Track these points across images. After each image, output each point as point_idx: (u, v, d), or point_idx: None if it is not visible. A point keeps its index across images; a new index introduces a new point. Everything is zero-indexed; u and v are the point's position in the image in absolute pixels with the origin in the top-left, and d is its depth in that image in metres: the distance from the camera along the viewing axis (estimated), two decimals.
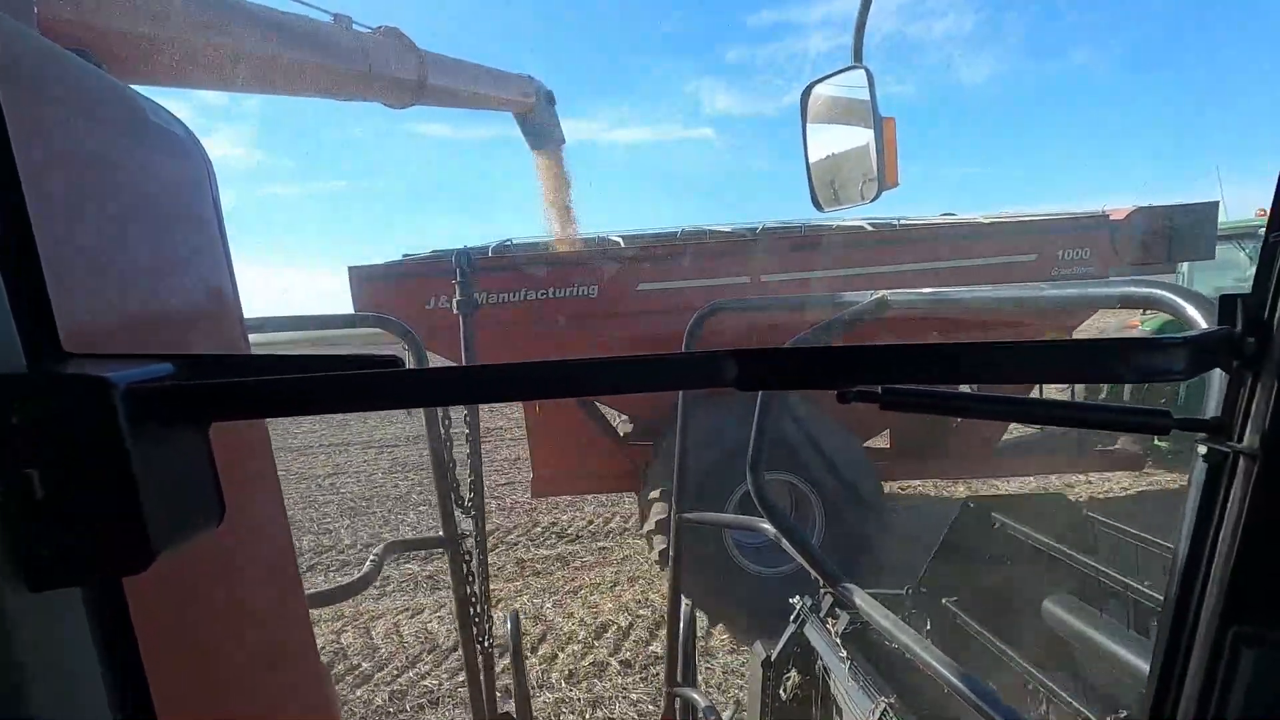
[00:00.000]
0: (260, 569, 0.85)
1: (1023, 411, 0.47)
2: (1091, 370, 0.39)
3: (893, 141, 1.59)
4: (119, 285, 0.69)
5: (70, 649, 0.42)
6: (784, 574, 4.80)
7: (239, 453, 0.78)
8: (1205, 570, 0.44)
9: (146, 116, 0.84)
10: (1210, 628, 0.43)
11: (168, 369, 0.45)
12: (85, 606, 0.42)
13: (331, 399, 0.42)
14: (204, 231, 0.91)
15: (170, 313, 0.79)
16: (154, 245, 0.79)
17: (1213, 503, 0.44)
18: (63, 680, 0.41)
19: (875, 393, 0.45)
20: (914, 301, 1.12)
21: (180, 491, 0.44)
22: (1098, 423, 0.44)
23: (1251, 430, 0.43)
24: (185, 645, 0.67)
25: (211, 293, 0.91)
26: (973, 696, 0.90)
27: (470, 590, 1.97)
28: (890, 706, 2.00)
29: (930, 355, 0.40)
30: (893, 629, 1.22)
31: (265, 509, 0.86)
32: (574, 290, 4.57)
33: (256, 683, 0.84)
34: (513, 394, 0.42)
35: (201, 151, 0.94)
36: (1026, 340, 0.38)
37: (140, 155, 0.81)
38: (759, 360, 0.42)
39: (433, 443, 1.87)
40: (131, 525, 0.39)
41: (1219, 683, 0.42)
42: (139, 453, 0.39)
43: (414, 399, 0.43)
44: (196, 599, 0.67)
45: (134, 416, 0.39)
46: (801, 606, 2.72)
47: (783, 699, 2.68)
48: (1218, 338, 0.43)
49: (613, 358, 0.42)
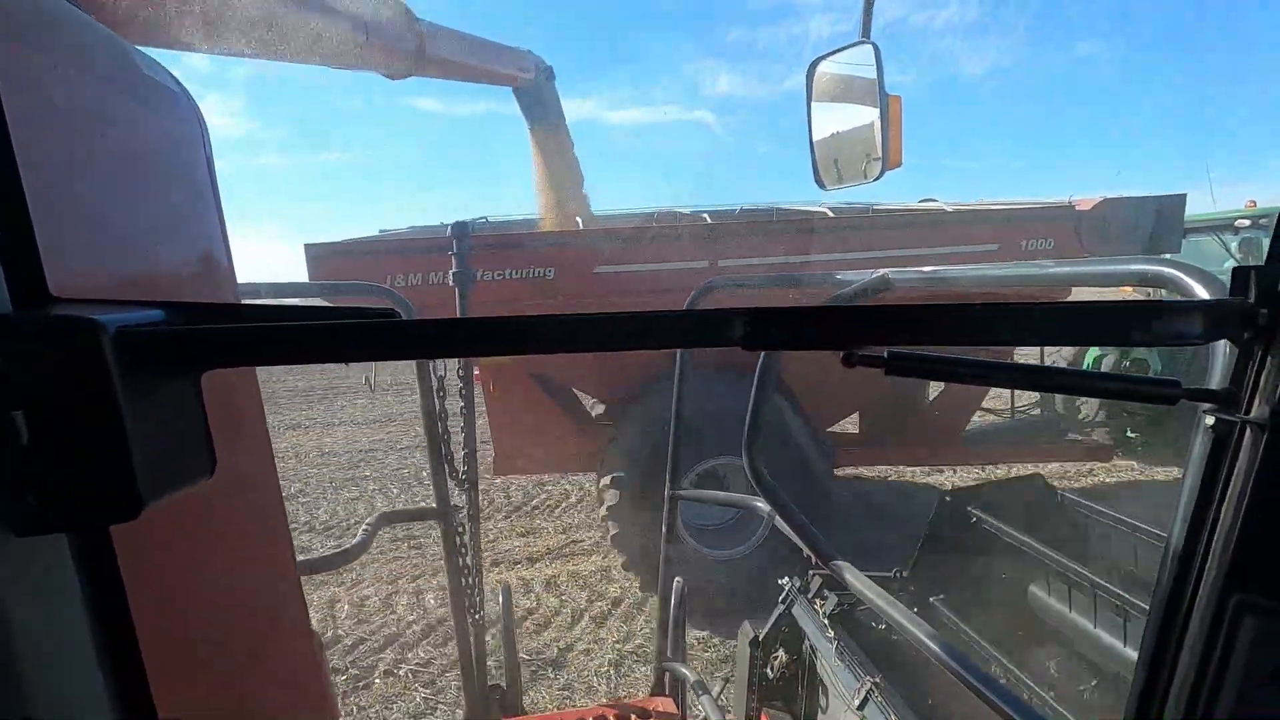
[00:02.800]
0: (251, 529, 0.84)
1: (1032, 378, 0.46)
2: (1102, 334, 0.38)
3: (898, 120, 1.57)
4: (109, 238, 0.68)
5: (56, 599, 0.41)
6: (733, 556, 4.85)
7: (230, 407, 0.77)
8: (1207, 540, 0.44)
9: (139, 69, 0.82)
10: (1211, 596, 0.43)
11: (158, 315, 0.43)
12: (72, 555, 0.41)
13: (327, 348, 0.41)
14: (197, 189, 0.90)
15: (162, 269, 0.77)
16: (146, 200, 0.77)
17: (1217, 473, 0.44)
18: (49, 629, 0.40)
19: (880, 357, 0.45)
20: (915, 280, 1.11)
21: (171, 441, 0.43)
22: (1108, 391, 0.44)
23: (1260, 401, 0.43)
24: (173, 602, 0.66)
25: (204, 252, 0.89)
26: (961, 671, 0.91)
27: (463, 562, 1.98)
28: (876, 685, 2.03)
29: (939, 317, 0.39)
30: (884, 605, 1.22)
31: (256, 468, 0.85)
32: (531, 271, 4.53)
33: (245, 646, 0.83)
34: (511, 347, 0.42)
35: (195, 108, 0.92)
36: (1038, 302, 0.38)
37: (133, 108, 0.79)
38: (767, 320, 0.41)
39: (427, 415, 1.87)
40: (120, 472, 0.38)
41: (1218, 651, 0.42)
42: (128, 399, 0.38)
43: (411, 350, 0.42)
44: (184, 556, 0.66)
45: (123, 361, 0.38)
46: (790, 587, 2.75)
47: (770, 678, 2.71)
48: (1231, 307, 0.42)
49: (617, 313, 0.41)
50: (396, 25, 4.46)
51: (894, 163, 1.59)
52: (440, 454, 1.89)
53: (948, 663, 0.93)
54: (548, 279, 4.55)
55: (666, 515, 2.01)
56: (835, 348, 0.42)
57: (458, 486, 1.99)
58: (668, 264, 4.61)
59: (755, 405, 1.36)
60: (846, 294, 1.15)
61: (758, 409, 1.37)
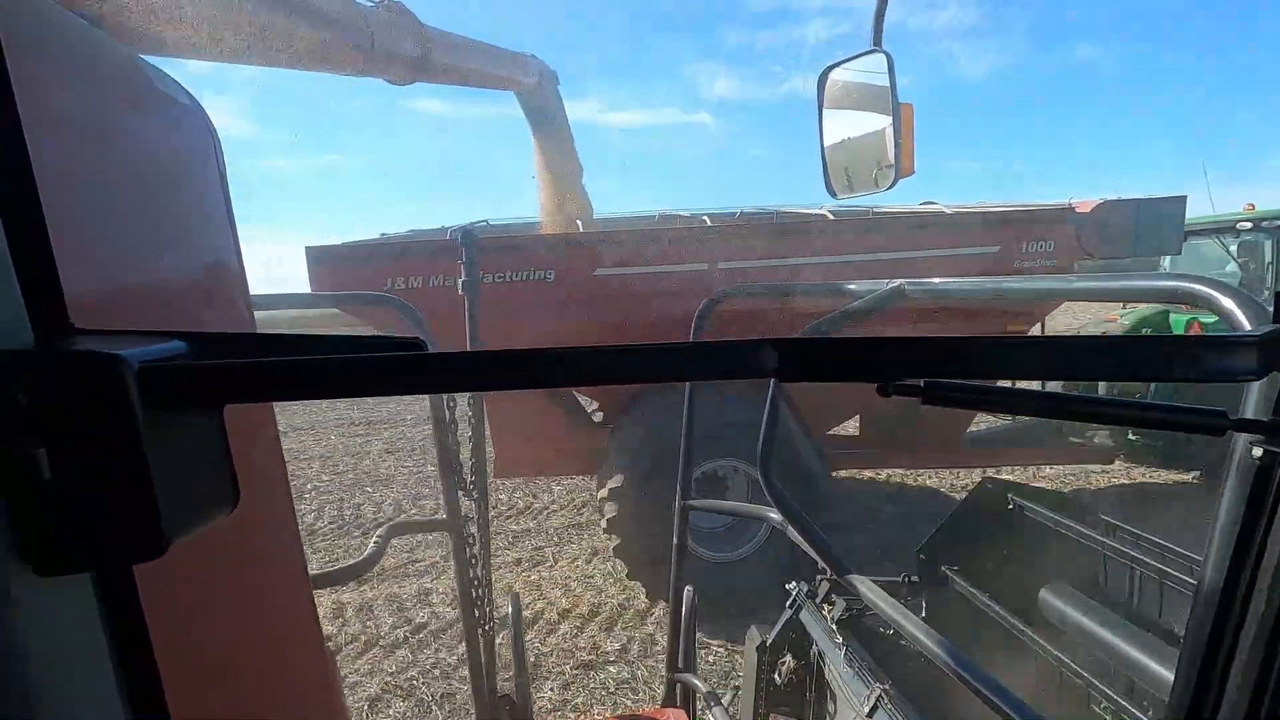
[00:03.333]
0: (266, 550, 0.83)
1: (1075, 409, 0.45)
2: (1149, 368, 0.37)
3: (910, 128, 1.56)
4: (123, 257, 0.67)
5: (78, 636, 0.41)
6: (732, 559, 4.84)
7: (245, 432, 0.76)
8: (1253, 570, 0.43)
9: (152, 83, 0.81)
10: (1260, 635, 0.42)
11: (181, 347, 0.43)
12: (95, 593, 0.40)
13: (352, 382, 0.40)
14: (210, 203, 0.89)
15: (175, 286, 0.77)
16: (160, 217, 0.77)
17: (1262, 505, 0.43)
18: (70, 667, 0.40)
19: (917, 386, 0.44)
20: (931, 291, 1.10)
21: (194, 476, 0.43)
22: (1154, 422, 0.43)
23: None
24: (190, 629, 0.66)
25: (218, 266, 0.89)
26: (970, 680, 0.89)
27: (473, 573, 1.97)
28: (885, 693, 2.01)
29: (977, 349, 0.39)
30: (893, 613, 1.21)
31: (271, 487, 0.85)
32: (530, 274, 4.50)
33: (260, 665, 0.83)
34: (538, 380, 0.41)
35: (207, 120, 0.92)
36: (1084, 336, 0.37)
37: (146, 123, 0.78)
38: (799, 350, 0.40)
39: (436, 426, 1.86)
40: (144, 510, 0.37)
41: (1272, 686, 0.41)
42: (152, 434, 0.37)
43: (438, 384, 0.41)
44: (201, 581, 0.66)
45: (147, 396, 0.37)
46: (798, 592, 2.73)
47: (777, 683, 2.69)
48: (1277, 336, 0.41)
49: (647, 345, 0.40)
50: (401, 32, 4.46)
51: (906, 171, 1.58)
52: (450, 464, 1.88)
53: (957, 670, 0.92)
54: (547, 282, 4.53)
55: (678, 526, 2.00)
56: (870, 379, 0.41)
57: (466, 497, 1.99)
58: (667, 266, 4.59)
59: (770, 418, 1.35)
60: (862, 306, 1.14)
61: (772, 421, 1.36)
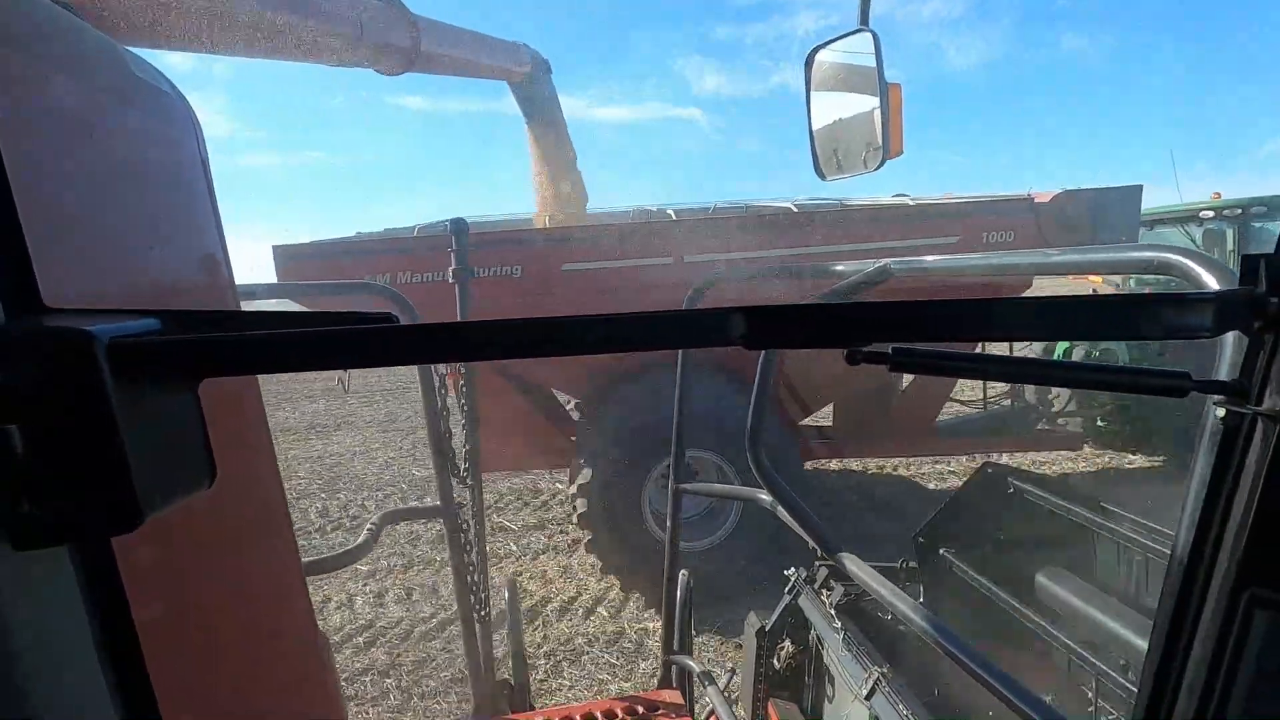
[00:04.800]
0: (254, 534, 0.84)
1: (1040, 373, 0.46)
2: (1111, 327, 0.38)
3: (898, 109, 1.56)
4: (104, 244, 0.67)
5: (58, 608, 0.41)
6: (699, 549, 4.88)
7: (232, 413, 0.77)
8: (1218, 534, 0.43)
9: (132, 72, 0.81)
10: (1223, 590, 0.42)
11: (154, 324, 0.43)
12: (73, 566, 0.40)
13: (327, 355, 0.40)
14: (192, 192, 0.89)
15: (159, 273, 0.77)
16: (140, 204, 0.76)
17: (1227, 466, 0.44)
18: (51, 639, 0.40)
19: (885, 353, 0.44)
20: (917, 269, 1.10)
21: (170, 451, 0.43)
22: (1117, 385, 0.43)
23: (1272, 392, 0.42)
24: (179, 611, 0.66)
25: (201, 254, 0.88)
26: (967, 662, 0.90)
27: (468, 559, 1.98)
28: (883, 676, 2.03)
29: (943, 312, 0.39)
30: (889, 596, 1.22)
31: (259, 472, 0.85)
32: (497, 270, 4.53)
33: (251, 646, 0.83)
34: (510, 351, 0.41)
35: (188, 109, 0.92)
36: (1047, 296, 0.37)
37: (125, 111, 0.78)
38: (768, 318, 0.40)
39: (429, 414, 1.87)
40: (118, 484, 0.38)
41: (1230, 646, 0.42)
42: (124, 409, 0.38)
43: (413, 355, 0.41)
44: (189, 564, 0.66)
45: (119, 372, 0.38)
46: (796, 578, 2.75)
47: (776, 668, 2.72)
48: (1241, 297, 0.41)
49: (616, 314, 0.41)
50: (390, 21, 4.43)
51: (895, 152, 1.58)
52: (443, 453, 1.89)
53: (954, 653, 0.93)
54: (514, 278, 4.57)
55: (671, 510, 2.01)
56: (838, 345, 0.41)
57: (460, 484, 2.00)
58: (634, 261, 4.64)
59: (757, 400, 1.36)
60: (847, 286, 1.14)
61: (760, 404, 1.36)
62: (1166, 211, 7.78)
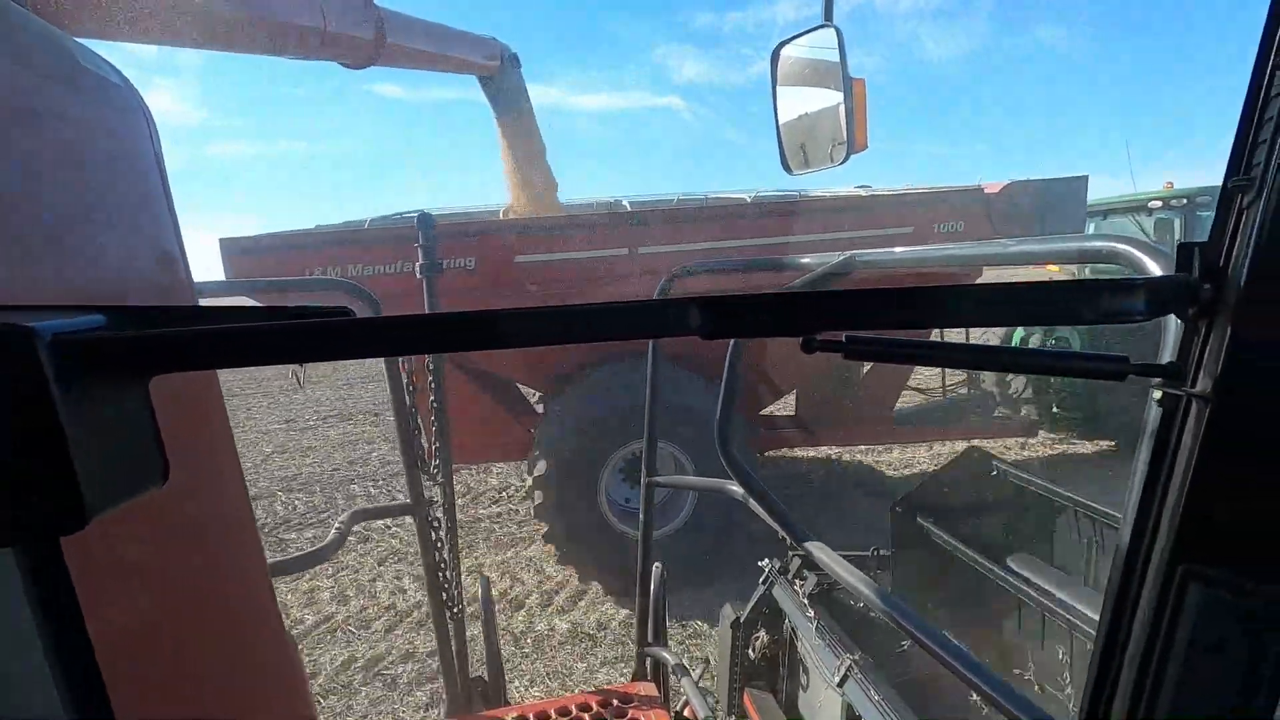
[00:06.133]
0: (216, 532, 0.82)
1: (986, 358, 0.47)
2: (1052, 312, 0.39)
3: (863, 104, 1.58)
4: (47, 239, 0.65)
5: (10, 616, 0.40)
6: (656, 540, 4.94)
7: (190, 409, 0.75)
8: (1158, 510, 0.45)
9: (76, 60, 0.79)
10: (1161, 564, 0.44)
11: (99, 320, 0.42)
12: (19, 567, 0.40)
13: (280, 349, 0.40)
14: (144, 186, 0.87)
15: (108, 272, 0.75)
16: (88, 199, 0.74)
17: (1165, 446, 0.45)
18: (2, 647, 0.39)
19: (839, 342, 0.45)
20: (879, 261, 1.12)
21: (119, 450, 0.42)
22: (1060, 369, 0.45)
23: (1204, 375, 0.44)
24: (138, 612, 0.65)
25: (154, 252, 0.86)
26: (935, 647, 0.92)
27: (439, 556, 1.97)
28: (855, 663, 2.07)
29: (894, 300, 0.40)
30: (858, 584, 1.24)
31: (219, 470, 0.84)
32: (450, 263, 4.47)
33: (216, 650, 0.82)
34: (473, 342, 0.41)
35: (139, 100, 0.89)
36: (991, 283, 0.38)
37: (69, 101, 0.76)
38: (724, 308, 0.41)
39: (397, 409, 1.85)
40: (63, 484, 0.37)
41: (1167, 617, 0.43)
42: (69, 408, 0.37)
43: (371, 348, 0.41)
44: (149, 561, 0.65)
45: (62, 369, 0.37)
46: (770, 569, 2.79)
47: (751, 659, 2.76)
48: (1175, 283, 0.43)
49: (575, 305, 0.41)
50: (354, 12, 4.36)
51: (859, 146, 1.60)
52: (412, 449, 1.87)
53: (921, 639, 0.95)
54: (468, 270, 4.55)
55: (643, 502, 2.02)
56: (794, 334, 0.42)
57: (431, 481, 1.98)
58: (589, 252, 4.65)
59: (726, 390, 1.37)
60: (813, 277, 1.16)
61: (729, 394, 1.37)
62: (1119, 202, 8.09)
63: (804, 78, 1.68)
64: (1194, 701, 0.42)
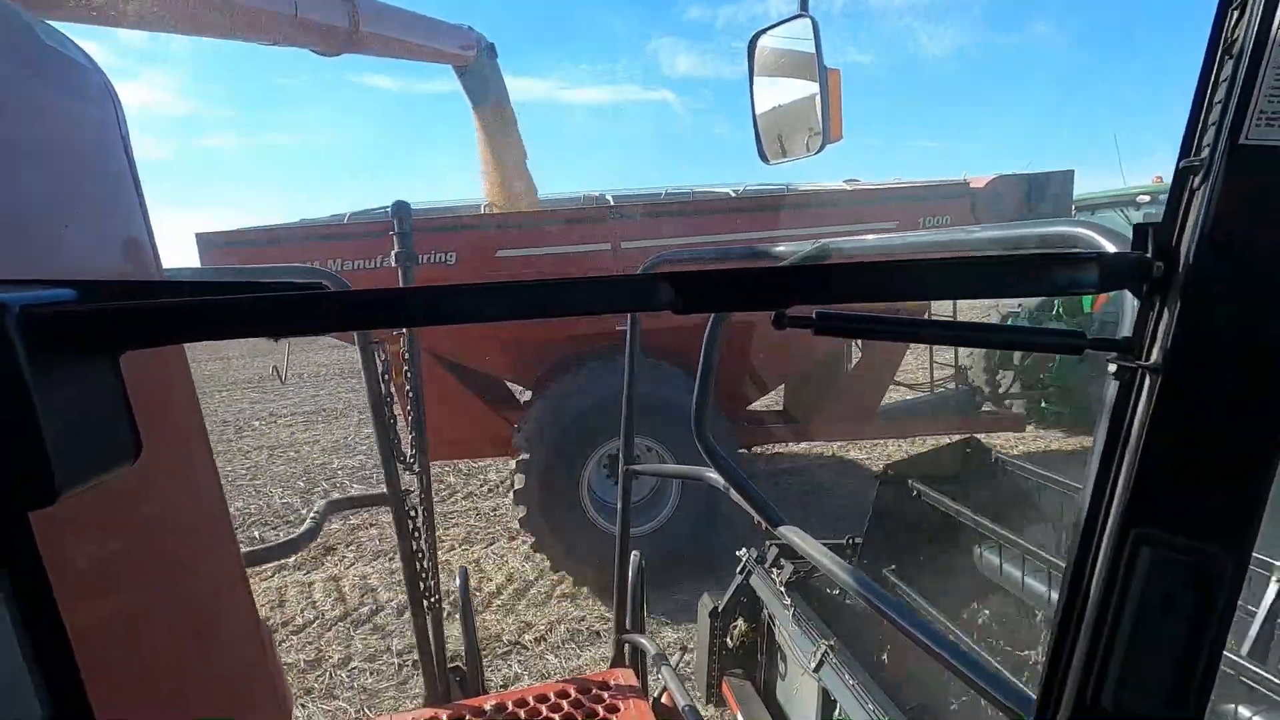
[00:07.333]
0: (188, 517, 0.82)
1: (951, 334, 0.49)
2: (1010, 285, 0.40)
3: (838, 95, 1.59)
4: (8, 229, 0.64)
5: None
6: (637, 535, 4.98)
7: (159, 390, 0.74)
8: (1114, 479, 0.47)
9: (40, 39, 0.77)
10: (1115, 530, 0.46)
11: (69, 294, 0.42)
12: None
13: (252, 322, 0.40)
14: (111, 172, 0.85)
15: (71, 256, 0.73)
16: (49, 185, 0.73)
17: (1122, 416, 0.47)
18: None
19: (809, 318, 0.46)
20: (852, 249, 1.14)
21: (90, 425, 0.42)
22: (1020, 344, 0.46)
23: (1157, 348, 0.46)
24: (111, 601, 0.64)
25: (121, 239, 0.84)
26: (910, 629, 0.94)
27: (416, 546, 1.96)
28: (830, 648, 2.11)
29: (861, 275, 0.41)
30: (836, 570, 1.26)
31: (190, 453, 0.83)
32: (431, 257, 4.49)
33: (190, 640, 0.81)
34: (442, 316, 0.41)
35: (106, 83, 0.87)
36: (955, 256, 0.40)
37: (32, 81, 0.74)
38: (696, 283, 0.42)
39: (373, 397, 1.83)
40: (33, 456, 0.36)
41: (1120, 579, 0.46)
42: (38, 381, 0.37)
43: (345, 322, 0.41)
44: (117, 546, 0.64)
45: (31, 341, 0.37)
46: (747, 558, 2.82)
47: (729, 647, 2.79)
48: (1130, 260, 0.45)
49: (549, 280, 0.42)
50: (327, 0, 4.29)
51: (834, 136, 1.62)
52: (388, 439, 1.86)
53: (897, 621, 0.96)
54: (449, 264, 4.53)
55: (621, 490, 2.03)
56: (765, 308, 0.43)
57: (408, 470, 1.97)
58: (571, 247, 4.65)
59: (703, 378, 1.38)
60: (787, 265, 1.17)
61: (705, 381, 1.39)
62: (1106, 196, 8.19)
63: (781, 68, 1.69)
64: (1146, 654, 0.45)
